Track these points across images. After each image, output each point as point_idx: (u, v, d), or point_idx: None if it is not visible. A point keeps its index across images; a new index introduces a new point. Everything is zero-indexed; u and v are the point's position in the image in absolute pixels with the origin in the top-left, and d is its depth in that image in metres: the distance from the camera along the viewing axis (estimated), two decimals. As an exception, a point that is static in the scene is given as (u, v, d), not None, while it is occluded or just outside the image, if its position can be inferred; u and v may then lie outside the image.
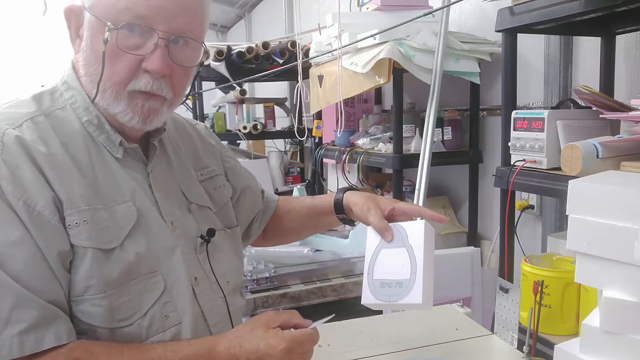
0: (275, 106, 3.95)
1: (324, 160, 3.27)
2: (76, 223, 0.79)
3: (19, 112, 0.83)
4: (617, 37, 1.67)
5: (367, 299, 0.99)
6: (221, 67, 3.21)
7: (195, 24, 0.85)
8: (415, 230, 0.99)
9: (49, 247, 0.76)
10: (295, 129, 2.85)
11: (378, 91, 3.13)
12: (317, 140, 3.14)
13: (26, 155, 0.78)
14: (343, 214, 1.15)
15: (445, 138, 2.39)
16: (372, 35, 2.19)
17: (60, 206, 0.79)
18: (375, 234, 1.03)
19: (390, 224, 1.03)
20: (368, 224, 1.05)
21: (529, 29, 1.53)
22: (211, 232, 0.96)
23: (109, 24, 0.78)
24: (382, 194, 2.82)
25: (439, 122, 2.34)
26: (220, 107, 4.20)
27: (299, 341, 0.82)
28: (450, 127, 2.40)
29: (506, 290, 1.19)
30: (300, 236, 1.37)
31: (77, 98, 0.88)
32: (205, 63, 3.21)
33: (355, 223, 1.17)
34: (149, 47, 0.81)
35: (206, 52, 0.86)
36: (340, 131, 2.73)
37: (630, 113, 1.27)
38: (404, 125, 2.29)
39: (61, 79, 0.90)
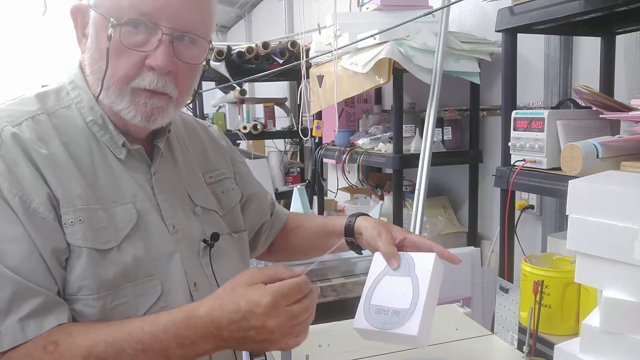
0: (275, 106, 3.95)
1: (324, 160, 3.27)
2: (71, 222, 0.79)
3: (21, 109, 0.83)
4: (617, 37, 1.67)
5: (360, 323, 0.93)
6: (221, 67, 3.21)
7: (200, 21, 0.85)
8: (424, 262, 0.94)
9: (44, 243, 0.76)
10: (299, 128, 2.85)
11: (378, 91, 3.13)
12: (317, 140, 3.15)
13: (23, 153, 0.78)
14: (352, 238, 1.09)
15: (445, 138, 2.39)
16: (372, 35, 2.19)
17: (57, 204, 0.78)
18: (382, 259, 0.97)
19: (399, 252, 0.98)
20: (376, 248, 0.99)
21: (529, 29, 1.53)
22: (215, 237, 0.94)
23: (112, 20, 0.79)
24: (382, 194, 2.82)
25: (439, 122, 2.34)
26: (220, 107, 4.20)
27: (284, 293, 0.74)
28: (450, 127, 2.39)
29: (506, 290, 1.19)
30: (307, 255, 1.30)
31: (83, 97, 0.87)
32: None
33: (362, 251, 1.12)
34: (153, 43, 0.81)
35: (212, 50, 0.86)
36: (336, 132, 2.74)
37: (630, 113, 1.27)
38: (404, 125, 2.29)
39: (68, 78, 0.90)
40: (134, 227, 0.84)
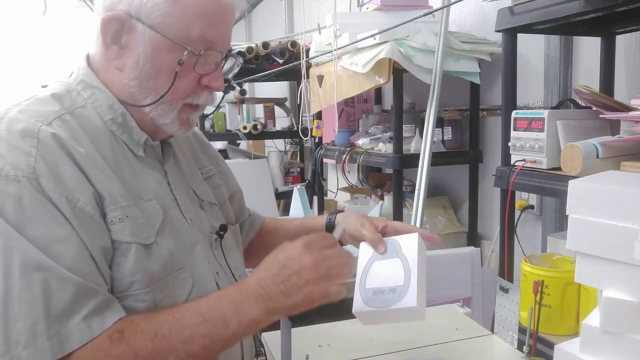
0: (275, 106, 3.95)
1: (324, 160, 3.27)
2: (119, 219, 0.80)
3: (44, 109, 0.82)
4: (617, 37, 1.67)
5: (359, 307, 0.96)
6: (221, 67, 3.21)
7: (230, 37, 0.92)
8: (408, 242, 1.00)
9: (92, 242, 0.77)
10: (299, 128, 2.85)
11: (378, 91, 3.13)
12: (317, 140, 3.15)
13: (64, 152, 0.78)
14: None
15: (445, 138, 2.39)
16: (372, 35, 2.20)
17: (101, 202, 0.79)
18: (369, 247, 1.03)
19: (383, 238, 1.03)
20: (362, 238, 1.05)
21: (529, 29, 1.53)
22: (224, 228, 0.99)
23: (189, 49, 0.83)
24: (382, 194, 2.82)
25: (439, 122, 2.34)
26: (220, 107, 4.21)
27: (314, 238, 0.86)
28: (450, 127, 2.39)
29: (506, 290, 1.19)
30: None
31: (98, 96, 0.87)
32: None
33: (342, 246, 1.17)
34: (211, 66, 0.88)
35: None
36: (336, 132, 2.74)
37: (630, 113, 1.27)
38: (404, 125, 2.29)
39: (75, 78, 0.89)
40: (162, 222, 0.86)
